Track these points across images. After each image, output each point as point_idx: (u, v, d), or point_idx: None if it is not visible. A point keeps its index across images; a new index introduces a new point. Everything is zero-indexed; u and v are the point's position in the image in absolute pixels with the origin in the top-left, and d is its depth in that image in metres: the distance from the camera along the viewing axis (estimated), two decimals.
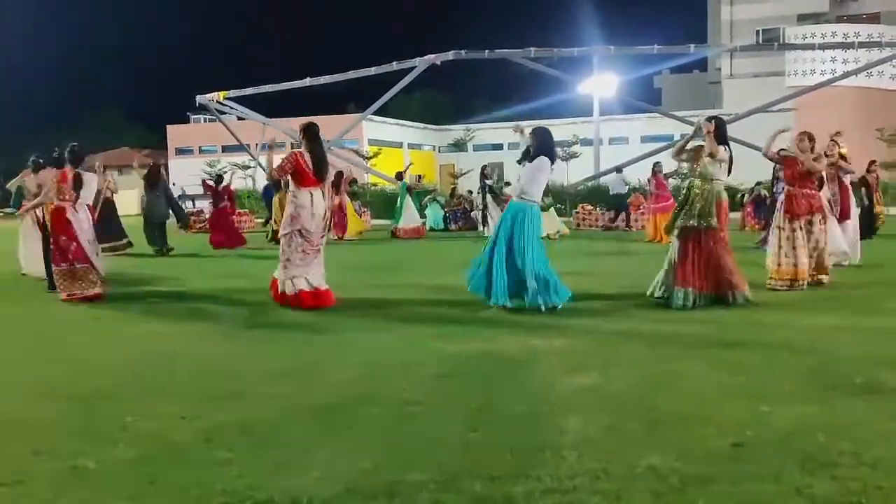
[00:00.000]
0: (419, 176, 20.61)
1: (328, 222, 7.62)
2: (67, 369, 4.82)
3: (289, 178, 7.04)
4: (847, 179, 10.21)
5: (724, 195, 6.99)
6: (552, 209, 17.45)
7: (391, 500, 2.71)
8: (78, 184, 7.81)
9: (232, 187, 16.43)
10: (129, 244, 13.65)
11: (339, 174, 17.52)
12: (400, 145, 46.46)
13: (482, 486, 2.80)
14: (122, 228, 13.76)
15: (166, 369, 4.80)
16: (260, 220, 21.44)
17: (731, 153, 7.12)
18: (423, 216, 19.62)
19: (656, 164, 15.97)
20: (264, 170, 7.84)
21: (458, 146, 47.22)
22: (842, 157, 9.95)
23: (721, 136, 7.00)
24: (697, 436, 3.29)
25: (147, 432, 3.51)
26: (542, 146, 6.87)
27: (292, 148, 8.17)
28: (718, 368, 4.49)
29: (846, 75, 24.49)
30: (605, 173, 22.65)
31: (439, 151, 49.95)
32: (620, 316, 6.40)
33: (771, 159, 8.71)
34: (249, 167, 30.67)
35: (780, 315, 6.32)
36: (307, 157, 6.97)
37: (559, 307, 6.53)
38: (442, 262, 12.19)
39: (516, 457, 3.09)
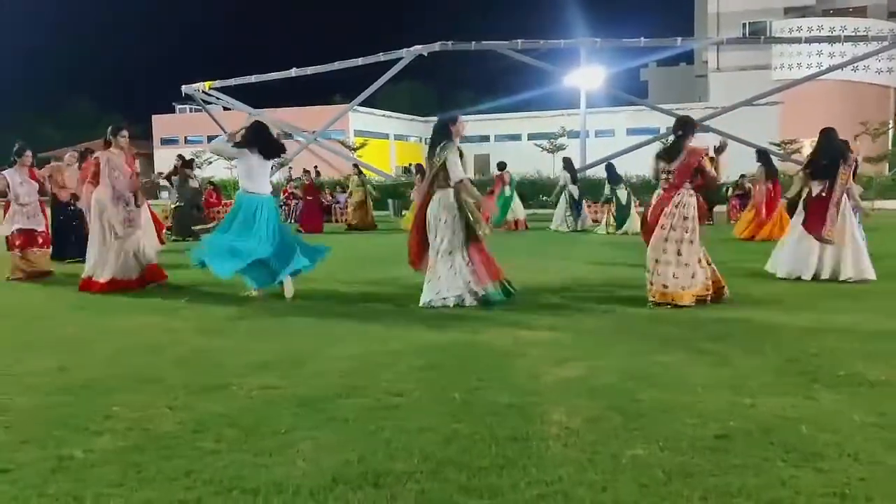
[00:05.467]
0: (412, 166, 20.36)
1: None
2: (54, 360, 4.78)
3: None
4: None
5: None
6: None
7: (377, 490, 2.72)
8: None
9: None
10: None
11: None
12: (386, 136, 46.35)
13: (468, 477, 2.81)
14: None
15: (152, 360, 4.78)
16: None
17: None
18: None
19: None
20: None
21: None
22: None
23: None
24: (682, 427, 3.32)
25: (134, 422, 3.50)
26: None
27: (278, 139, 8.19)
28: (702, 361, 4.53)
29: (832, 69, 24.67)
30: (591, 165, 22.66)
31: (426, 143, 49.91)
32: (606, 309, 6.43)
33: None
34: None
35: (763, 310, 6.37)
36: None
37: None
38: None
39: (501, 448, 3.10)
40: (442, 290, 6.60)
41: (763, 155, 14.34)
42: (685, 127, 6.74)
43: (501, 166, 18.13)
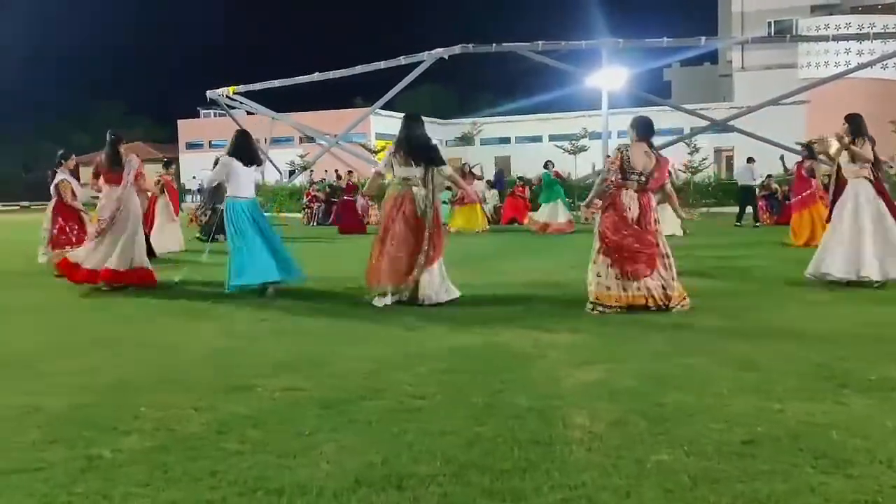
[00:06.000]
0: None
1: None
2: (82, 361, 4.85)
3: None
4: None
5: None
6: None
7: (400, 493, 2.72)
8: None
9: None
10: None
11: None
12: None
13: (490, 480, 2.80)
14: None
15: (177, 361, 4.83)
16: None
17: None
18: None
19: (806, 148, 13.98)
20: (274, 165, 8.39)
21: (466, 140, 47.15)
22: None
23: None
24: (707, 432, 3.28)
25: (160, 423, 3.53)
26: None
27: (300, 143, 8.39)
28: (728, 365, 4.47)
29: (860, 67, 24.31)
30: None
31: (446, 146, 49.90)
32: (628, 311, 6.37)
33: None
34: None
35: (792, 312, 6.29)
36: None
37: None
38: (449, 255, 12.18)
39: (524, 451, 3.09)
40: (449, 286, 6.96)
41: (810, 150, 14.06)
42: (650, 127, 6.52)
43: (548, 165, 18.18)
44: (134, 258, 8.19)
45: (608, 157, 7.03)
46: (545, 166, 18.27)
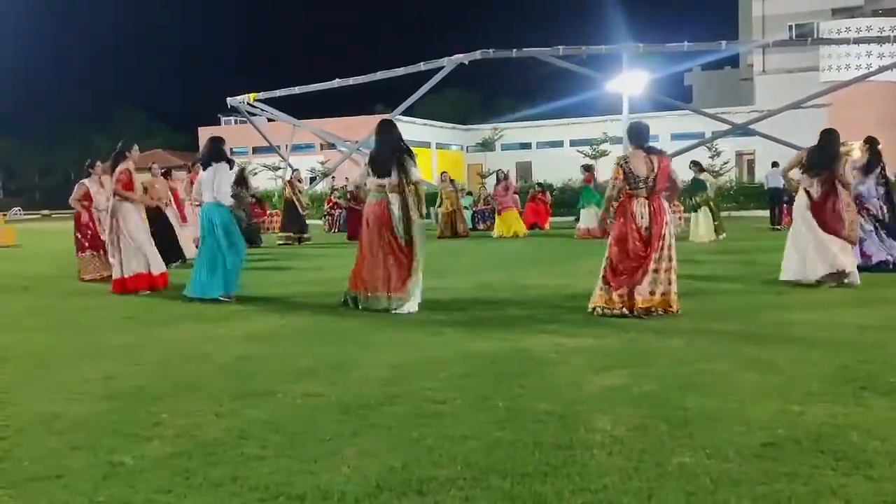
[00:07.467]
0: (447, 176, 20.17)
1: None
2: (103, 368, 4.91)
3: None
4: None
5: None
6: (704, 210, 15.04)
7: (421, 498, 2.73)
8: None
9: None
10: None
11: None
12: (428, 145, 46.49)
13: (512, 484, 2.81)
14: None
15: (198, 368, 4.88)
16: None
17: None
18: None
19: None
20: (293, 169, 8.61)
21: (486, 146, 47.14)
22: None
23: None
24: (728, 435, 3.26)
25: (181, 429, 3.57)
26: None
27: (321, 149, 8.60)
28: (749, 368, 4.45)
29: (881, 70, 24.00)
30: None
31: (467, 151, 49.94)
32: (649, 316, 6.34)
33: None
34: (279, 168, 30.95)
35: (811, 314, 6.23)
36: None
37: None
38: (466, 261, 12.20)
39: (545, 455, 3.09)
40: (418, 294, 7.02)
41: None
42: (641, 133, 6.60)
43: (589, 167, 18.11)
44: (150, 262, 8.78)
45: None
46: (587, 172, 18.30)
